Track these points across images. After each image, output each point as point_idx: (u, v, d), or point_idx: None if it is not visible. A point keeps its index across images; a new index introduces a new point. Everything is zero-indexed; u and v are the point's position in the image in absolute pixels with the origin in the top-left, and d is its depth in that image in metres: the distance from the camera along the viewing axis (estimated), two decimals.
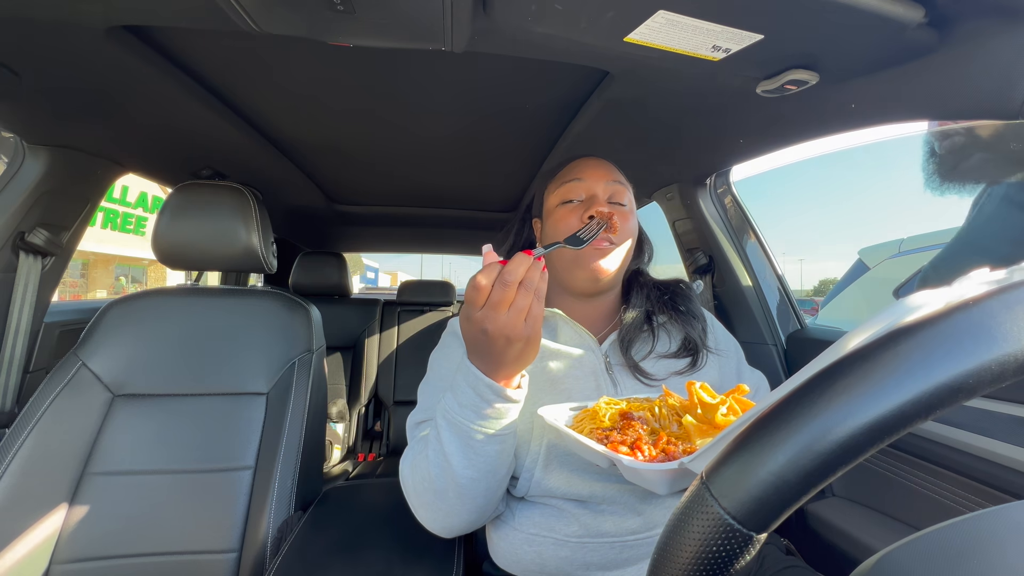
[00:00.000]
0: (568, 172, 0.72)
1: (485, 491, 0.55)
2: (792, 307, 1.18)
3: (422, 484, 0.57)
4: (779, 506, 0.20)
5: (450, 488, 0.54)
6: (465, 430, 0.52)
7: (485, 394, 0.51)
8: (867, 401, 0.19)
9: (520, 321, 0.46)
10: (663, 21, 0.52)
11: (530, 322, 0.47)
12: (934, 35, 0.53)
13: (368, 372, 2.04)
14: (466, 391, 0.52)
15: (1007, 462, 0.62)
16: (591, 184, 0.69)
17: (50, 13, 0.57)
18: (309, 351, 0.98)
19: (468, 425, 0.52)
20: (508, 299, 0.46)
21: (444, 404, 0.54)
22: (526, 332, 0.47)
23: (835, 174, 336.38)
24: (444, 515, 0.57)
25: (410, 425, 0.65)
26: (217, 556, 0.80)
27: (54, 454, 0.81)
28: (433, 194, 1.62)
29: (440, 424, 0.54)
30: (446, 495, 0.55)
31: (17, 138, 0.90)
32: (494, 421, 0.52)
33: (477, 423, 0.52)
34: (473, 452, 0.53)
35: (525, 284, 0.46)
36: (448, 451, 0.53)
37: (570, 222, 0.67)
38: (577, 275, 0.67)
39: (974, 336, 0.19)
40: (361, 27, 0.55)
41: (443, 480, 0.54)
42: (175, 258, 0.96)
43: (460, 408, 0.52)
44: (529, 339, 0.48)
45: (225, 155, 1.16)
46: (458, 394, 0.53)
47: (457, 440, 0.53)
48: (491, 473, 0.54)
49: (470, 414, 0.52)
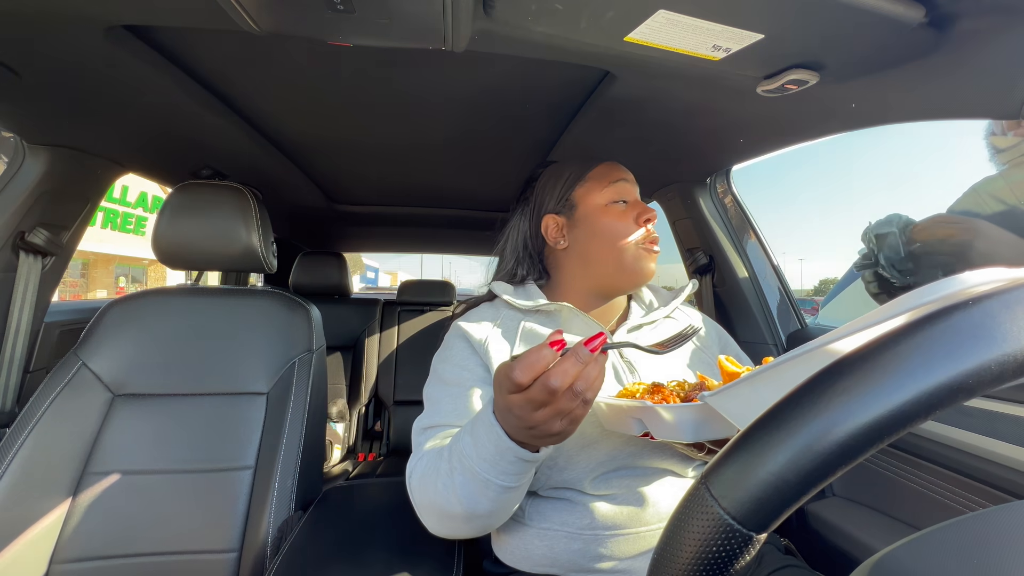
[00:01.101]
0: (610, 173, 0.73)
1: (499, 518, 0.56)
2: (792, 307, 1.18)
3: (430, 505, 0.55)
4: (779, 506, 0.20)
5: (458, 515, 0.53)
6: (481, 479, 0.49)
7: (506, 455, 0.46)
8: (867, 401, 0.19)
9: (556, 421, 0.40)
10: (663, 21, 0.52)
11: (566, 422, 0.40)
12: (934, 35, 0.53)
13: (368, 372, 2.03)
14: (487, 447, 0.47)
15: (1007, 462, 0.62)
16: (633, 187, 0.73)
17: (50, 13, 0.57)
18: (309, 351, 0.98)
19: (484, 476, 0.48)
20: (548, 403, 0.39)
21: (461, 448, 0.50)
22: (560, 429, 0.41)
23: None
24: (448, 530, 0.57)
25: (416, 430, 0.64)
26: (217, 556, 0.80)
27: (54, 454, 0.81)
28: (433, 194, 1.62)
29: (454, 466, 0.51)
30: (454, 519, 0.54)
31: (17, 138, 0.90)
32: (513, 476, 0.48)
33: (497, 477, 0.48)
34: (486, 497, 0.50)
35: (575, 388, 0.39)
36: (460, 493, 0.50)
37: (627, 222, 0.70)
38: (626, 279, 0.71)
39: (974, 336, 0.19)
40: (361, 27, 0.55)
41: (451, 508, 0.52)
42: (175, 258, 0.96)
43: (479, 460, 0.48)
44: (562, 435, 0.42)
45: (225, 155, 1.16)
46: (478, 445, 0.48)
47: (471, 485, 0.50)
48: (504, 510, 0.54)
49: (488, 467, 0.48)
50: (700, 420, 0.45)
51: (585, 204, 0.73)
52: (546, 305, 0.70)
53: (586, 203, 0.73)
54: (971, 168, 0.97)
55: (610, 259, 0.70)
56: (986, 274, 0.23)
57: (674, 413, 0.46)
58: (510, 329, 0.70)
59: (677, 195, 1.26)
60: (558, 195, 0.75)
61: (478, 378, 0.65)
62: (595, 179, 0.73)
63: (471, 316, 0.74)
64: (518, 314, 0.72)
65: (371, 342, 2.07)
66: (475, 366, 0.67)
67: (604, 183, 0.72)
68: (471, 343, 0.68)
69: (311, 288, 2.09)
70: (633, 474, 0.63)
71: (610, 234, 0.70)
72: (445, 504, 0.53)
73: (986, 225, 0.76)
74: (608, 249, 0.70)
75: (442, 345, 0.72)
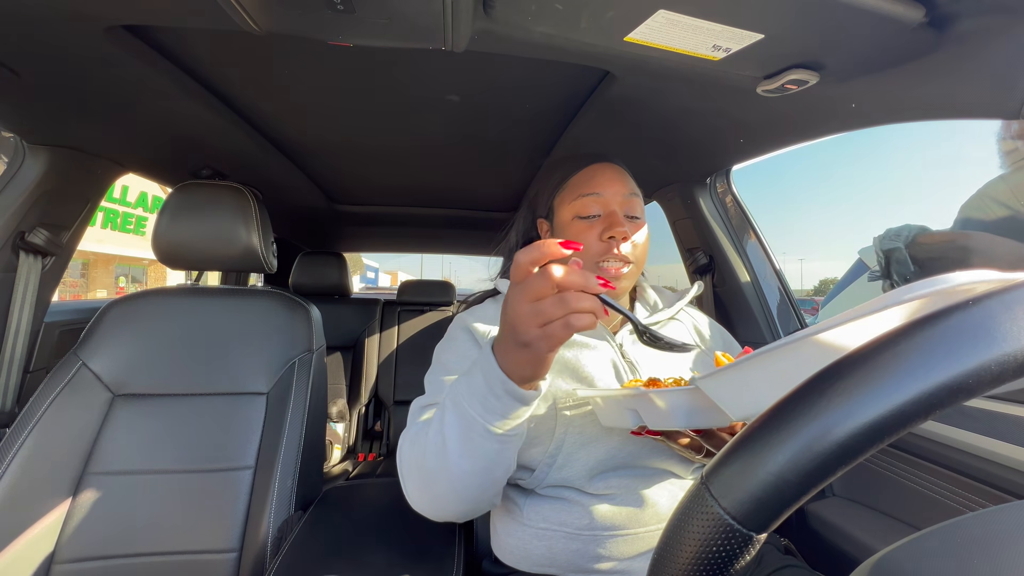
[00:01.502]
0: (583, 184, 0.70)
1: (479, 487, 0.53)
2: (792, 307, 1.18)
3: (417, 461, 0.54)
4: (779, 506, 0.20)
5: (442, 474, 0.52)
6: (468, 419, 0.49)
7: (495, 386, 0.46)
8: (867, 401, 0.19)
9: (533, 324, 0.40)
10: (663, 21, 0.52)
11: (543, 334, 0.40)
12: (934, 35, 0.53)
13: (368, 372, 2.04)
14: (478, 378, 0.48)
15: (1007, 462, 0.62)
16: (608, 200, 0.68)
17: (50, 13, 0.57)
18: (309, 351, 0.98)
19: (472, 415, 0.48)
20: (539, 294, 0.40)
21: (455, 385, 0.52)
22: (531, 338, 0.41)
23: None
24: (431, 499, 0.55)
25: (414, 408, 0.63)
26: (217, 556, 0.80)
27: (54, 454, 0.81)
28: (433, 194, 1.62)
29: (447, 404, 0.51)
30: (438, 480, 0.52)
31: (17, 138, 0.90)
32: (499, 418, 0.48)
33: (483, 416, 0.48)
34: (471, 445, 0.49)
35: (564, 297, 0.39)
36: (447, 435, 0.50)
37: (587, 239, 0.67)
38: None
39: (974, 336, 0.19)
40: (361, 27, 0.55)
41: (437, 462, 0.51)
42: (175, 258, 0.96)
43: (469, 394, 0.49)
44: (530, 346, 0.42)
45: (225, 155, 1.16)
46: (471, 379, 0.49)
47: (458, 426, 0.50)
48: (486, 471, 0.52)
49: (476, 404, 0.48)
50: (692, 406, 0.46)
51: (559, 214, 0.72)
52: None
53: (559, 213, 0.72)
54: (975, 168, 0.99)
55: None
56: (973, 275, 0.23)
57: (666, 398, 0.47)
58: None
59: (677, 195, 1.26)
60: (545, 200, 0.76)
61: None
62: (570, 189, 0.71)
63: (476, 311, 0.74)
64: None
65: (371, 342, 2.07)
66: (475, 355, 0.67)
67: (574, 195, 0.70)
68: (475, 336, 0.69)
69: (311, 288, 2.09)
70: (632, 474, 0.63)
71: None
72: (432, 454, 0.51)
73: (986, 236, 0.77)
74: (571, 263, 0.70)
75: (446, 335, 0.72)
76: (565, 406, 0.63)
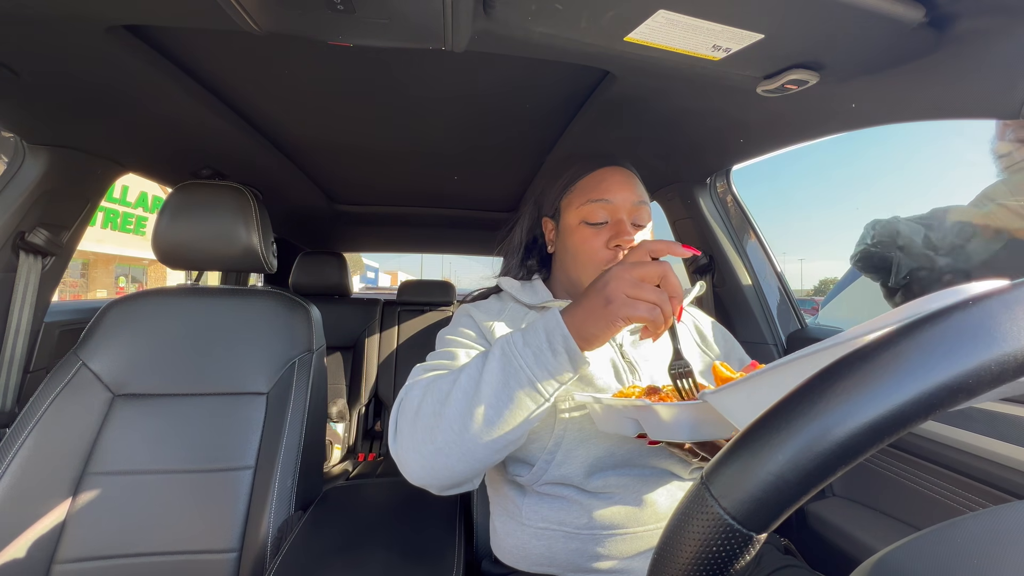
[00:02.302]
0: (592, 188, 0.70)
1: (486, 446, 0.51)
2: (792, 307, 1.18)
3: (431, 407, 0.52)
4: (779, 506, 0.20)
5: (457, 421, 0.50)
6: (514, 368, 0.50)
7: (555, 342, 0.49)
8: (867, 401, 0.19)
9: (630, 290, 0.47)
10: (663, 21, 0.52)
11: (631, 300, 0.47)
12: (934, 35, 0.53)
13: (368, 372, 2.03)
14: (538, 333, 0.50)
15: (1007, 462, 0.62)
16: (617, 207, 0.68)
17: (50, 12, 0.57)
18: (309, 351, 0.98)
19: (520, 364, 0.50)
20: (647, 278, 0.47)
21: (509, 337, 0.53)
22: (618, 298, 0.47)
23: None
24: (433, 449, 0.52)
25: (416, 370, 0.62)
26: (217, 556, 0.80)
27: (54, 454, 0.81)
28: (433, 194, 1.62)
29: (492, 353, 0.52)
30: (451, 426, 0.51)
31: (17, 138, 0.90)
32: (546, 374, 0.50)
33: (531, 366, 0.50)
34: (507, 396, 0.50)
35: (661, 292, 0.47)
36: (485, 380, 0.51)
37: (594, 246, 0.68)
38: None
39: (974, 336, 0.19)
40: (361, 27, 0.55)
41: (459, 407, 0.50)
42: (175, 258, 0.96)
43: (524, 346, 0.51)
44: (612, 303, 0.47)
45: (225, 155, 1.16)
46: (528, 333, 0.52)
47: (501, 372, 0.50)
48: (504, 430, 0.50)
49: (529, 355, 0.50)
50: (698, 420, 0.46)
51: (565, 216, 0.72)
52: (550, 303, 0.70)
53: (566, 216, 0.72)
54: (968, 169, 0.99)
55: (581, 278, 0.70)
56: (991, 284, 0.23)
57: (672, 411, 0.47)
58: (515, 321, 0.71)
59: (677, 195, 1.26)
60: (552, 199, 0.75)
61: (481, 349, 0.66)
62: (579, 191, 0.71)
63: (480, 304, 0.75)
64: (523, 308, 0.73)
65: (371, 342, 2.07)
66: (480, 341, 0.67)
67: (582, 199, 0.70)
68: (477, 324, 0.69)
69: (311, 288, 2.09)
70: (631, 473, 0.63)
71: (576, 254, 0.70)
72: (455, 401, 0.51)
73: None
74: (577, 267, 0.70)
75: (450, 323, 0.73)
76: (564, 404, 0.63)
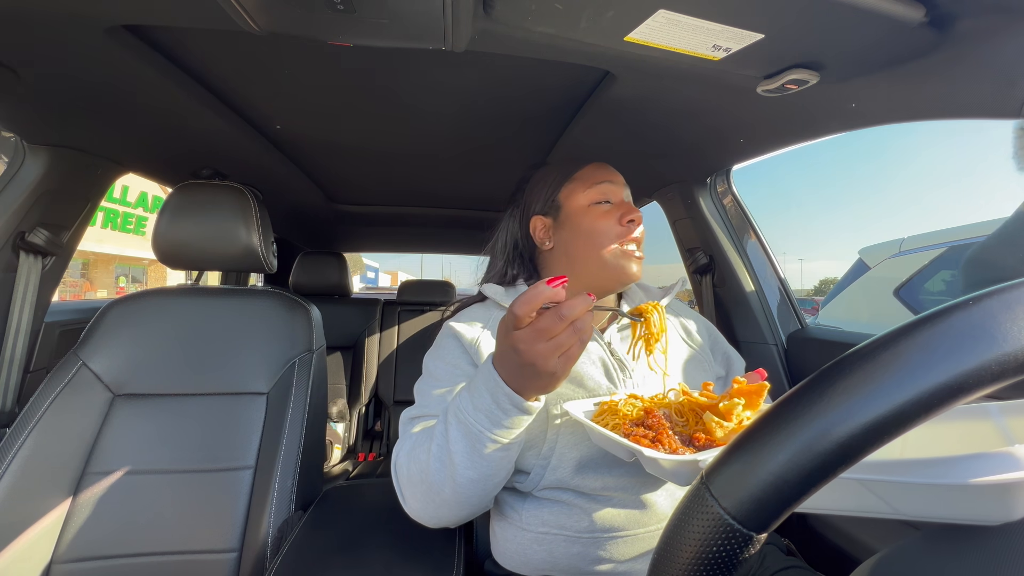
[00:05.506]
0: (595, 174, 0.73)
1: (481, 492, 0.55)
2: (792, 307, 1.18)
3: (418, 475, 0.56)
4: (779, 506, 0.20)
5: (447, 485, 0.54)
6: (475, 433, 0.51)
7: (502, 403, 0.49)
8: (867, 401, 0.19)
9: (554, 357, 0.44)
10: (663, 20, 0.52)
11: (563, 360, 0.45)
12: (934, 35, 0.53)
13: (368, 372, 2.03)
14: (483, 396, 0.50)
15: None
16: (619, 189, 0.73)
17: (50, 12, 0.57)
18: (309, 351, 0.98)
19: (479, 429, 0.51)
20: (554, 332, 0.43)
21: (457, 403, 0.53)
22: (554, 368, 0.45)
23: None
24: (435, 508, 0.57)
25: (403, 420, 0.65)
26: (217, 556, 0.80)
27: (54, 454, 0.81)
28: (433, 194, 1.62)
29: (450, 422, 0.53)
30: (442, 491, 0.55)
31: (17, 138, 0.90)
32: (507, 430, 0.51)
33: (490, 430, 0.50)
34: (479, 456, 0.52)
35: (576, 325, 0.44)
36: (453, 450, 0.52)
37: (609, 222, 0.69)
38: (609, 279, 0.70)
39: (974, 336, 0.19)
40: (361, 26, 0.55)
41: (442, 475, 0.54)
42: (175, 258, 0.96)
43: (474, 411, 0.51)
44: (555, 376, 0.46)
45: (225, 155, 1.15)
46: (474, 396, 0.51)
47: (465, 441, 0.52)
48: (491, 476, 0.54)
49: (483, 419, 0.50)
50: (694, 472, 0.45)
51: (569, 204, 0.73)
52: None
53: (570, 203, 0.73)
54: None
55: (592, 259, 0.70)
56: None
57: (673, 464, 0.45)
58: None
59: (677, 195, 1.26)
60: (545, 196, 0.76)
61: (467, 376, 0.66)
62: (580, 180, 0.73)
63: (463, 317, 0.74)
64: None
65: (371, 342, 2.07)
66: (465, 364, 0.67)
67: (588, 183, 0.72)
68: (462, 343, 0.69)
69: (311, 288, 2.09)
70: (630, 475, 0.63)
71: (591, 234, 0.70)
72: (435, 468, 0.54)
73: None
74: (590, 249, 0.70)
75: (434, 344, 0.73)
76: (557, 410, 0.63)
